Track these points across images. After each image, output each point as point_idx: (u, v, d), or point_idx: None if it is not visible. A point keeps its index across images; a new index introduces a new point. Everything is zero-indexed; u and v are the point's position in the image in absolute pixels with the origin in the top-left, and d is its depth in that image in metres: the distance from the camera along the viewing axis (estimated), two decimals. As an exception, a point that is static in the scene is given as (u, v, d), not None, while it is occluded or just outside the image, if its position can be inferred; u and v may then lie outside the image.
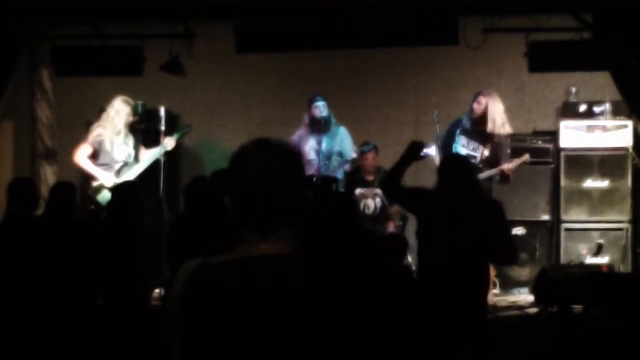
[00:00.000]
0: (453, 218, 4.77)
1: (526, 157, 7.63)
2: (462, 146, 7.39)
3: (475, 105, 7.38)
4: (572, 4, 7.46)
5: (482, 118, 7.36)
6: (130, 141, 7.50)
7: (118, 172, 7.35)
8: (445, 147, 7.46)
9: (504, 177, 7.43)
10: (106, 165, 7.36)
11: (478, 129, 7.41)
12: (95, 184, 7.34)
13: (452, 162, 5.42)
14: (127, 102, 7.48)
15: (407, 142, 8.56)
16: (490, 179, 7.45)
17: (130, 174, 7.38)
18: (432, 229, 4.88)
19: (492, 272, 8.06)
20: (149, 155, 7.53)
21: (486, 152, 7.40)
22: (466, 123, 7.45)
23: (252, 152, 1.93)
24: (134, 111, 7.46)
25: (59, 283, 5.49)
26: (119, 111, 7.44)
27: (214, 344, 1.82)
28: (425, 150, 7.19)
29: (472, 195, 4.95)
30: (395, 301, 4.06)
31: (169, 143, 7.59)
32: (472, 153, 7.36)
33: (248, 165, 1.92)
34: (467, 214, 4.78)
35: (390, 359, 2.06)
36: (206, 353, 1.83)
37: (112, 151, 7.38)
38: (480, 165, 7.37)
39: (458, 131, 7.48)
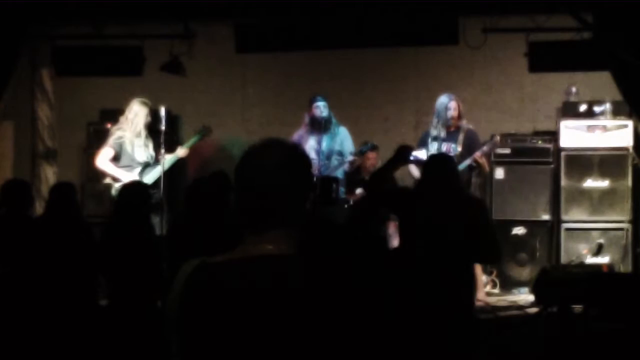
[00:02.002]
0: (437, 218, 4.78)
1: (496, 139, 7.72)
2: (436, 150, 7.45)
3: (454, 105, 7.46)
4: (572, 4, 7.45)
5: (452, 119, 7.52)
6: (150, 142, 7.53)
7: (141, 174, 7.38)
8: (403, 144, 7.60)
9: (478, 165, 7.46)
10: (128, 167, 7.39)
11: (447, 131, 7.50)
12: (117, 185, 7.34)
13: (436, 161, 5.44)
14: (145, 104, 7.52)
15: (406, 142, 8.66)
16: (469, 170, 7.49)
17: (152, 175, 7.41)
18: (417, 229, 4.88)
19: (493, 272, 8.12)
20: (169, 157, 7.57)
21: (459, 148, 7.46)
22: (435, 131, 7.50)
23: (256, 150, 1.94)
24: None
25: (56, 283, 5.48)
26: (138, 113, 7.47)
27: (214, 344, 1.82)
28: (415, 154, 7.26)
29: (454, 194, 4.98)
30: (394, 301, 4.06)
31: (188, 144, 7.67)
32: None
33: (250, 163, 1.92)
34: (450, 213, 4.79)
35: (388, 358, 2.06)
36: (206, 353, 1.83)
37: (133, 153, 7.41)
38: (455, 161, 7.44)
39: (429, 140, 7.55)
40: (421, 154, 7.33)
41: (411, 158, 6.98)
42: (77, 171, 8.90)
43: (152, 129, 7.56)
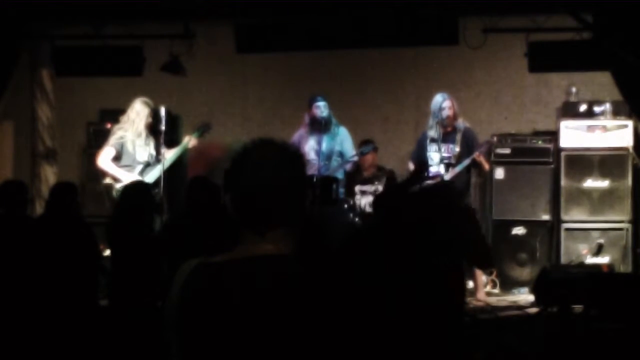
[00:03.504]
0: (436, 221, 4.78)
1: (492, 139, 7.89)
2: (435, 152, 7.45)
3: (448, 104, 7.45)
4: (572, 4, 7.45)
5: (448, 119, 7.51)
6: (152, 142, 7.54)
7: (141, 173, 7.39)
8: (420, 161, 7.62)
9: (476, 165, 7.48)
10: (129, 167, 7.41)
11: (444, 131, 7.49)
12: (118, 185, 7.35)
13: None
14: (146, 104, 7.53)
15: (407, 142, 8.68)
16: (468, 170, 7.50)
17: (153, 174, 7.42)
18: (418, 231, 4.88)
19: (493, 272, 8.12)
20: (170, 155, 7.58)
21: (457, 149, 7.46)
22: (432, 131, 7.50)
23: (253, 150, 1.94)
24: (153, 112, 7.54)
25: (56, 283, 5.48)
26: (139, 113, 7.48)
27: (213, 344, 1.82)
28: (432, 170, 7.28)
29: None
30: (394, 302, 4.06)
31: (190, 142, 7.65)
32: (445, 154, 7.44)
33: (247, 164, 1.92)
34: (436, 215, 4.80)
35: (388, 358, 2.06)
36: (205, 353, 1.83)
37: (134, 152, 7.42)
38: (454, 162, 7.42)
39: (427, 141, 7.54)
40: (439, 169, 7.39)
41: (430, 174, 7.03)
42: (77, 171, 8.91)
43: (153, 129, 7.57)
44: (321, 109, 7.84)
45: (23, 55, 8.51)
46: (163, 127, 7.62)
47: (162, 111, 7.68)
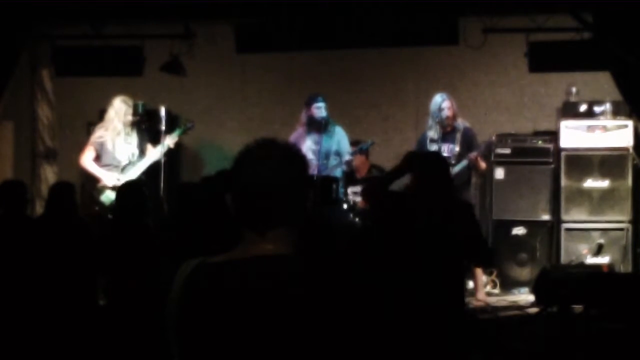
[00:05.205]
0: (423, 215, 4.74)
1: (490, 139, 7.99)
2: None
3: (447, 104, 7.46)
4: (572, 4, 7.46)
5: (447, 119, 7.51)
6: (134, 140, 7.54)
7: (122, 172, 7.39)
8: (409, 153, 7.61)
9: (474, 166, 7.49)
10: (109, 166, 7.41)
11: (444, 131, 7.49)
12: (98, 185, 7.39)
13: (426, 159, 5.39)
14: (125, 102, 7.53)
15: (407, 142, 8.68)
16: (469, 169, 7.50)
17: (134, 172, 7.42)
18: (403, 227, 4.84)
19: (493, 272, 8.12)
20: (152, 153, 7.57)
21: (457, 148, 7.47)
22: (432, 132, 7.51)
23: (254, 150, 1.94)
24: (134, 110, 7.50)
25: (55, 283, 5.48)
26: (118, 112, 7.49)
27: (212, 344, 1.82)
28: None
29: (443, 193, 4.93)
30: (393, 302, 4.06)
31: (170, 140, 7.64)
32: (445, 154, 7.44)
33: (249, 163, 1.92)
34: (436, 211, 4.75)
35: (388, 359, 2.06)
36: (204, 353, 1.83)
37: (114, 152, 7.43)
38: (454, 162, 7.41)
39: (427, 142, 7.54)
40: None
41: None
42: (77, 171, 8.89)
43: (137, 126, 7.55)
44: (322, 110, 7.84)
45: (23, 55, 8.51)
46: (163, 127, 7.62)
47: (162, 111, 7.67)
